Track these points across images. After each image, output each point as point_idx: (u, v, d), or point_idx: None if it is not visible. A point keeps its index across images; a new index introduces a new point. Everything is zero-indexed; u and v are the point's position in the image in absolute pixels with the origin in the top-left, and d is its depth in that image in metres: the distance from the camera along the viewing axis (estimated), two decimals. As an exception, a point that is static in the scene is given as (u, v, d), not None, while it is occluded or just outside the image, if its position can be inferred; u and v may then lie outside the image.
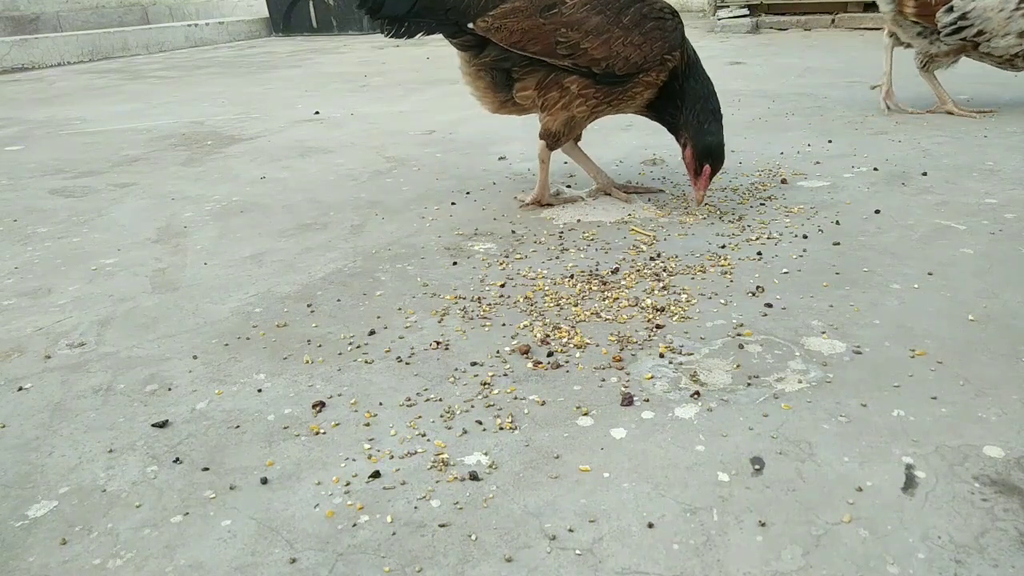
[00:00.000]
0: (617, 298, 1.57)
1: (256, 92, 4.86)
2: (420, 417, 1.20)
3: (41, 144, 3.55)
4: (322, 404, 1.25)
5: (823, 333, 1.40)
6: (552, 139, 2.10)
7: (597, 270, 1.73)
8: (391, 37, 2.05)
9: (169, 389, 1.33)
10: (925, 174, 2.32)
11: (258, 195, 2.52)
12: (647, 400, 1.22)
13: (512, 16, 1.91)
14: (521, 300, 1.60)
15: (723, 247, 1.84)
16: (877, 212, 2.02)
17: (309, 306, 1.64)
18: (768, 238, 1.88)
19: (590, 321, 1.49)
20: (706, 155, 1.99)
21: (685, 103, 2.02)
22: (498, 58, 1.99)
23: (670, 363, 1.32)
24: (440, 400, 1.25)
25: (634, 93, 2.02)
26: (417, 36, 2.06)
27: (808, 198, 2.17)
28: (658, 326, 1.45)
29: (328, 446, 1.15)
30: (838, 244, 1.81)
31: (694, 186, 2.04)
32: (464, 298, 1.63)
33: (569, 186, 2.39)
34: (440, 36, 2.07)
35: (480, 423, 1.18)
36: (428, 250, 1.93)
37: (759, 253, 1.78)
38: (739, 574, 0.87)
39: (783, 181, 2.33)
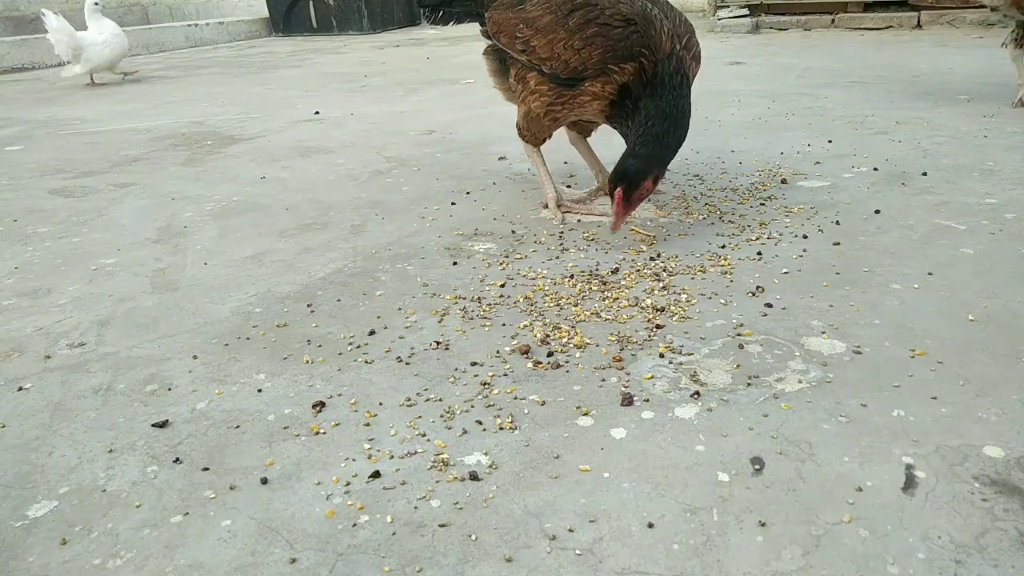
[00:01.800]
0: (617, 298, 1.57)
1: (256, 92, 4.86)
2: (420, 417, 1.20)
3: (41, 144, 3.55)
4: (322, 404, 1.25)
5: (823, 333, 1.40)
6: (519, 132, 2.14)
7: (597, 270, 1.73)
8: (431, 24, 2.34)
9: (169, 389, 1.33)
10: (925, 174, 2.32)
11: (258, 195, 2.52)
12: (647, 400, 1.22)
13: (498, 8, 2.05)
14: (521, 300, 1.60)
15: (723, 247, 1.84)
16: (877, 212, 2.01)
17: (309, 306, 1.64)
18: (768, 238, 1.88)
19: (590, 321, 1.49)
20: (619, 178, 1.81)
21: (633, 123, 1.85)
22: (494, 45, 2.14)
23: (670, 363, 1.32)
24: (440, 400, 1.25)
25: (583, 100, 1.92)
26: (451, 24, 2.33)
27: (808, 198, 2.17)
28: (658, 326, 1.45)
29: (328, 446, 1.15)
30: (838, 244, 1.81)
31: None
32: (464, 298, 1.63)
33: (569, 186, 2.38)
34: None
35: (480, 423, 1.18)
36: (428, 250, 1.93)
37: (759, 253, 1.78)
38: (739, 574, 0.87)
39: (783, 181, 2.33)
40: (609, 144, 2.91)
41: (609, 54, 1.81)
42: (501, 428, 1.16)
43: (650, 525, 0.95)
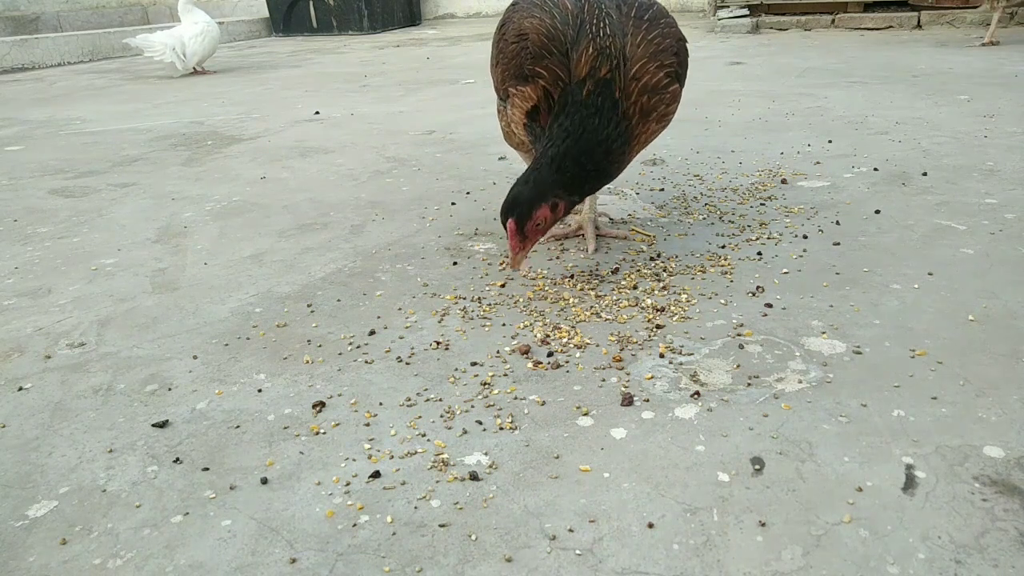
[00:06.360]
0: (617, 298, 1.57)
1: (256, 92, 4.86)
2: (420, 417, 1.20)
3: (41, 144, 3.55)
4: (322, 404, 1.25)
5: (823, 333, 1.40)
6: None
7: (597, 270, 1.73)
8: None
9: (169, 389, 1.33)
10: (925, 174, 2.32)
11: (258, 195, 2.52)
12: (647, 400, 1.22)
13: None
14: (521, 300, 1.60)
15: (723, 247, 1.84)
16: (877, 212, 2.01)
17: (309, 306, 1.64)
18: (768, 238, 1.88)
19: (590, 321, 1.49)
20: (507, 208, 1.56)
21: (537, 146, 1.63)
22: None
23: (670, 363, 1.32)
24: (440, 400, 1.25)
25: (513, 126, 1.75)
26: None
27: (808, 198, 2.17)
28: (658, 326, 1.45)
29: (328, 446, 1.15)
30: (838, 244, 1.81)
31: None
32: (464, 298, 1.63)
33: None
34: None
35: (480, 423, 1.18)
36: (428, 250, 1.93)
37: (759, 253, 1.78)
38: (739, 574, 0.87)
39: (783, 181, 2.33)
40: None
41: (507, 73, 1.67)
42: (501, 428, 1.16)
43: (650, 525, 0.95)
